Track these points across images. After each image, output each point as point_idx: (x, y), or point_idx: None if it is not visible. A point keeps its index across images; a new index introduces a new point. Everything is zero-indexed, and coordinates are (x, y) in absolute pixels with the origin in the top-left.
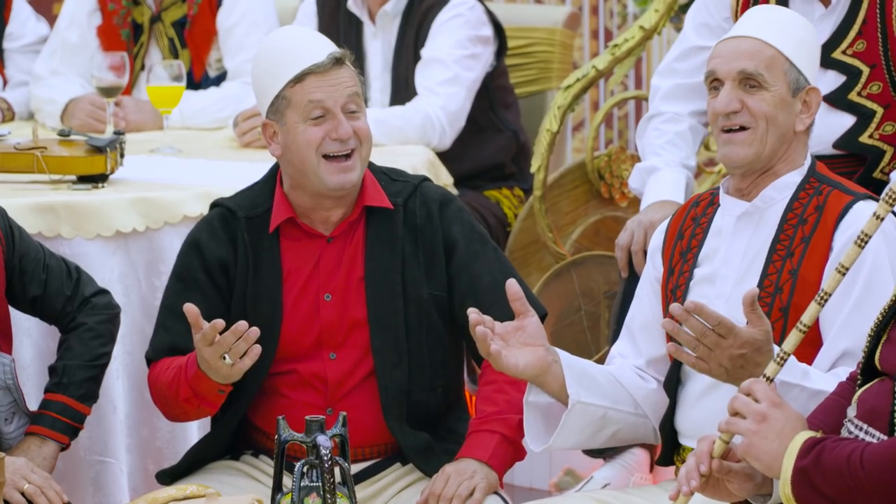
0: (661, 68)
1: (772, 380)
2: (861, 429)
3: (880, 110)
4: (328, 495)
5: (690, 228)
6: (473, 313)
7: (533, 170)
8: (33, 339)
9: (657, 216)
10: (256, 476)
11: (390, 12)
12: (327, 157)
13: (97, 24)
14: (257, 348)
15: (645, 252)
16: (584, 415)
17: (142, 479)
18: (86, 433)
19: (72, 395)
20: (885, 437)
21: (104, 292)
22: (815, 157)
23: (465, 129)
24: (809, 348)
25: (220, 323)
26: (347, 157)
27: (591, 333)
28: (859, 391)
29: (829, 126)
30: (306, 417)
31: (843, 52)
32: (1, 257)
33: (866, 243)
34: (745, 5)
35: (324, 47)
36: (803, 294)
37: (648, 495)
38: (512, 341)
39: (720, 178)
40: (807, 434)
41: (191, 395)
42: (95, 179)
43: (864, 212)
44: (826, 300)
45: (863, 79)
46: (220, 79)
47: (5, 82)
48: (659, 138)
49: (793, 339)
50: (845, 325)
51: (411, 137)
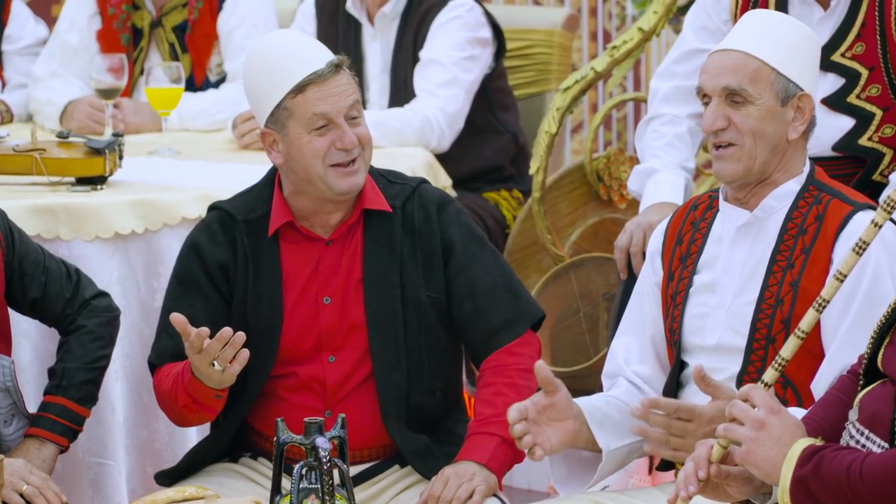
0: (660, 70)
1: (770, 385)
2: (862, 433)
3: (879, 113)
4: (327, 497)
5: (689, 233)
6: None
7: (531, 171)
8: (32, 341)
9: (656, 218)
10: (255, 478)
11: (389, 14)
12: (333, 165)
13: (97, 29)
14: (245, 353)
15: (644, 254)
16: (615, 457)
17: (140, 480)
18: (84, 435)
19: (71, 397)
20: (886, 444)
21: (104, 295)
22: (815, 161)
23: (464, 131)
24: (808, 357)
25: (204, 331)
26: (353, 162)
27: (589, 335)
28: (861, 393)
29: (828, 128)
30: (305, 419)
31: (843, 55)
32: (1, 260)
33: (864, 250)
34: (745, 7)
35: (321, 53)
36: (804, 306)
37: (647, 498)
38: (543, 419)
39: (718, 181)
40: (806, 442)
41: (189, 401)
42: (94, 181)
43: (864, 222)
44: (824, 307)
45: (862, 81)
46: (221, 83)
47: (4, 84)
48: (658, 140)
49: (791, 346)
50: (847, 339)
51: (410, 139)
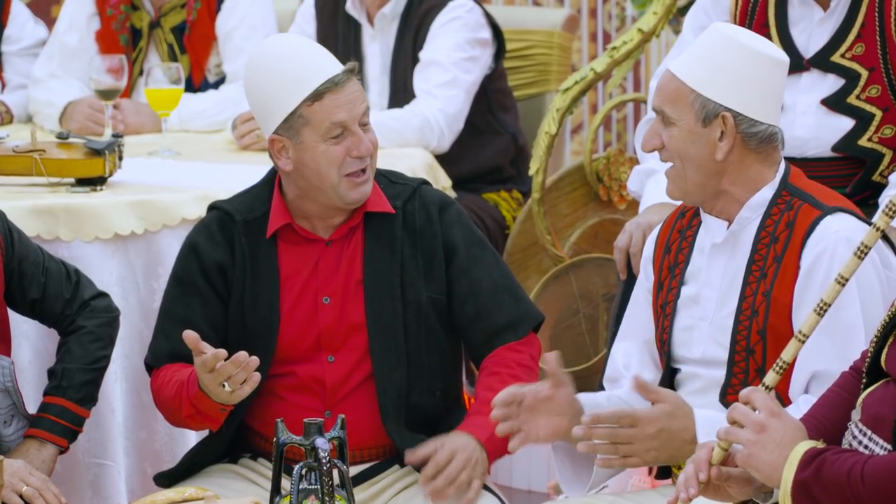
0: (659, 71)
1: (771, 389)
2: (865, 434)
3: (879, 113)
4: (327, 498)
5: (677, 242)
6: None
7: (531, 172)
8: (32, 341)
9: (655, 218)
10: (255, 479)
11: (389, 14)
12: (347, 175)
13: (96, 29)
14: (256, 376)
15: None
16: None
17: (140, 481)
18: (84, 436)
19: (71, 398)
20: (889, 445)
21: (103, 295)
22: (814, 161)
23: (464, 132)
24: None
25: (222, 353)
26: (364, 171)
27: (589, 336)
28: (864, 393)
29: (828, 129)
30: (305, 420)
31: (842, 56)
32: (0, 260)
33: (866, 254)
34: (744, 8)
35: (332, 60)
36: (778, 315)
37: (646, 500)
38: (540, 408)
39: None
40: (807, 444)
41: (193, 412)
42: (94, 182)
43: (830, 227)
44: (825, 310)
45: (861, 82)
46: (220, 84)
47: (3, 85)
48: None
49: (792, 349)
50: (813, 347)
51: (410, 140)
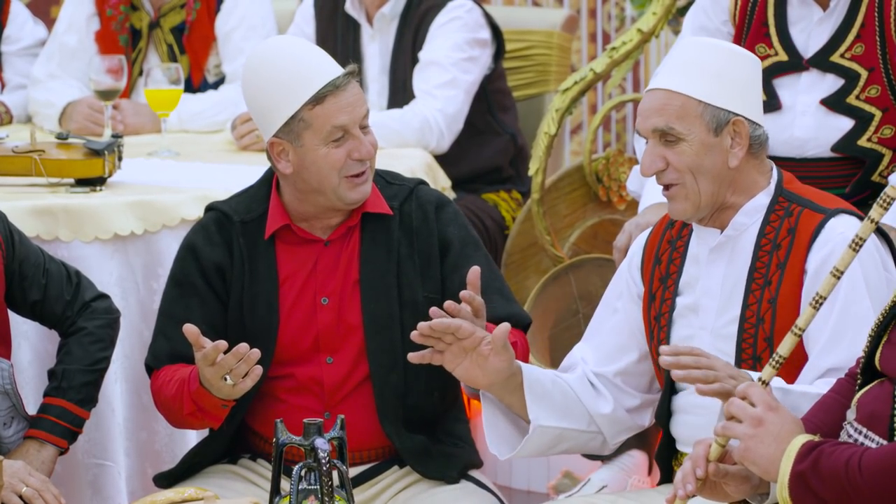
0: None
1: (767, 383)
2: (861, 432)
3: (879, 113)
4: (326, 498)
5: (667, 252)
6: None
7: (531, 173)
8: (32, 342)
9: (655, 219)
10: (254, 479)
11: (388, 14)
12: (347, 177)
13: (95, 30)
14: (258, 369)
15: None
16: (542, 436)
17: (140, 482)
18: (84, 436)
19: (71, 399)
20: (885, 442)
21: (104, 297)
22: (814, 162)
23: (463, 132)
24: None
25: (222, 344)
26: (363, 172)
27: None
28: (859, 393)
29: (827, 129)
30: (304, 420)
31: (842, 56)
32: (1, 262)
33: (860, 247)
34: (744, 7)
35: (331, 62)
36: (785, 321)
37: (645, 499)
38: (473, 357)
39: None
40: (804, 437)
41: (194, 409)
42: (93, 182)
43: (835, 229)
44: (821, 303)
45: (861, 82)
46: (219, 84)
47: (3, 85)
48: None
49: (788, 343)
50: (829, 344)
51: (409, 140)
